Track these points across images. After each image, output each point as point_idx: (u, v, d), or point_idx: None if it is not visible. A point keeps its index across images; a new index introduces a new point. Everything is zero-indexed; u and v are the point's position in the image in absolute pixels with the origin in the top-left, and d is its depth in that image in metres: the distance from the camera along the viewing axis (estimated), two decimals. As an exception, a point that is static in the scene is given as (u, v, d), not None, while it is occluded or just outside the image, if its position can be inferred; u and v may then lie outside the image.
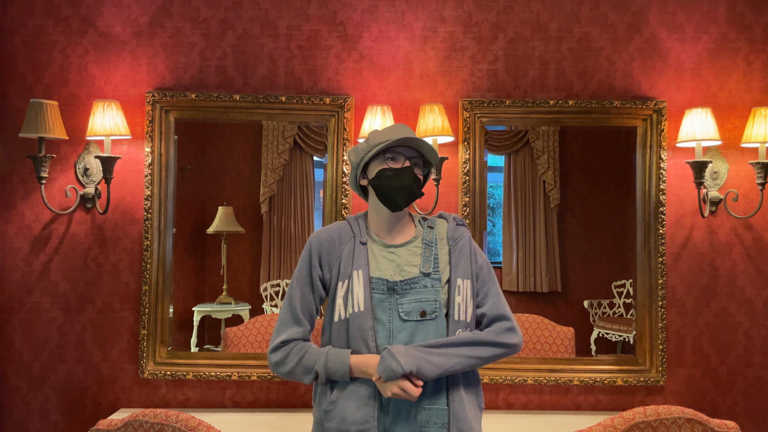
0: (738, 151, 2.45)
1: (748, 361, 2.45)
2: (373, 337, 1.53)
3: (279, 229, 2.60)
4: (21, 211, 2.44)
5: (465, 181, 2.42)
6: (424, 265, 1.59)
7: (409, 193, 1.58)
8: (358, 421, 1.50)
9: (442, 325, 1.56)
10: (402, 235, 1.64)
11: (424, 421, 1.51)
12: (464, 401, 1.55)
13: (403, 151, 1.60)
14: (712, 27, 2.47)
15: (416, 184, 1.60)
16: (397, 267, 1.59)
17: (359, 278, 1.56)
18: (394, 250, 1.62)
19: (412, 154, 1.61)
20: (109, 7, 2.45)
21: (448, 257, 1.61)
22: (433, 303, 1.56)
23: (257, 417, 2.33)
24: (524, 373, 2.41)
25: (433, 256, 1.61)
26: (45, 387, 2.43)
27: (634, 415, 1.74)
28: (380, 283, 1.57)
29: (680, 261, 2.45)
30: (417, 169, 1.62)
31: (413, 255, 1.61)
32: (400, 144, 1.58)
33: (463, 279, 1.58)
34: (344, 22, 2.46)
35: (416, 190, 1.60)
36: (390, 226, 1.63)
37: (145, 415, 1.75)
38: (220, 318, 2.57)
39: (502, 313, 1.59)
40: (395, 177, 1.58)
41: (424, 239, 1.63)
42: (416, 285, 1.57)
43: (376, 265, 1.60)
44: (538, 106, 2.42)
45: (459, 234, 1.64)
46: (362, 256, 1.59)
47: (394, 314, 1.55)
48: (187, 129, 2.49)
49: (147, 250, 2.39)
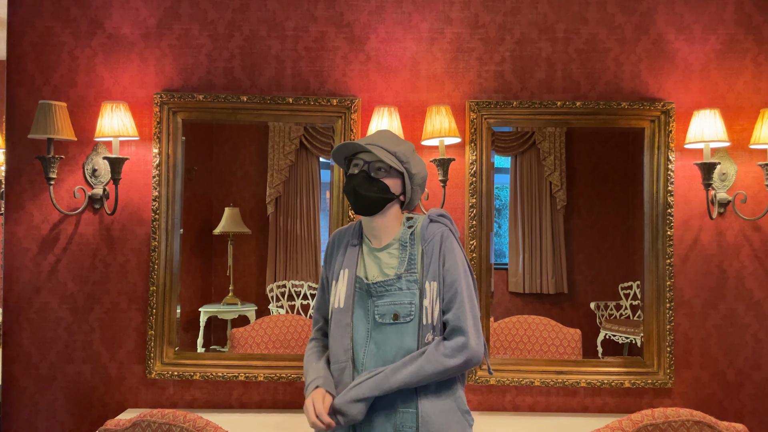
0: (746, 153, 2.44)
1: (756, 363, 2.44)
2: (349, 335, 1.59)
3: (285, 230, 2.61)
4: (29, 211, 2.45)
5: (472, 182, 2.42)
6: (399, 267, 1.59)
7: (355, 196, 1.59)
8: None
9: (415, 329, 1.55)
10: (385, 237, 1.65)
11: (399, 424, 1.54)
12: (435, 405, 1.54)
13: (363, 157, 1.63)
14: (720, 28, 2.46)
15: (366, 188, 1.58)
16: (379, 269, 1.61)
17: (344, 277, 1.63)
18: (377, 253, 1.64)
19: (373, 158, 1.61)
20: (117, 9, 2.46)
21: (421, 259, 1.59)
22: (407, 306, 1.56)
23: (264, 418, 2.34)
24: (531, 374, 2.40)
25: (408, 257, 1.59)
26: (53, 387, 2.44)
27: (642, 417, 1.73)
28: (362, 283, 1.62)
29: (688, 263, 2.44)
30: (380, 173, 1.60)
31: (392, 257, 1.62)
32: (351, 152, 1.64)
33: (431, 281, 1.55)
34: (351, 24, 2.47)
35: (363, 192, 1.58)
36: (369, 229, 1.67)
37: (152, 416, 1.75)
38: (227, 319, 2.57)
39: (461, 326, 1.53)
40: (347, 183, 1.64)
41: (401, 240, 1.63)
42: (391, 287, 1.57)
43: (363, 266, 1.64)
44: (545, 108, 2.42)
45: (430, 233, 1.59)
46: (352, 256, 1.65)
47: (370, 316, 1.59)
48: (194, 130, 2.50)
49: (155, 250, 2.40)
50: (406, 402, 1.54)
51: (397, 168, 1.60)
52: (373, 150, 1.57)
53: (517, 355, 2.49)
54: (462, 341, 1.52)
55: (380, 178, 1.60)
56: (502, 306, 2.59)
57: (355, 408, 1.51)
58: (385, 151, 1.59)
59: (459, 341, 1.53)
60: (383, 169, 1.60)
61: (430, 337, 1.55)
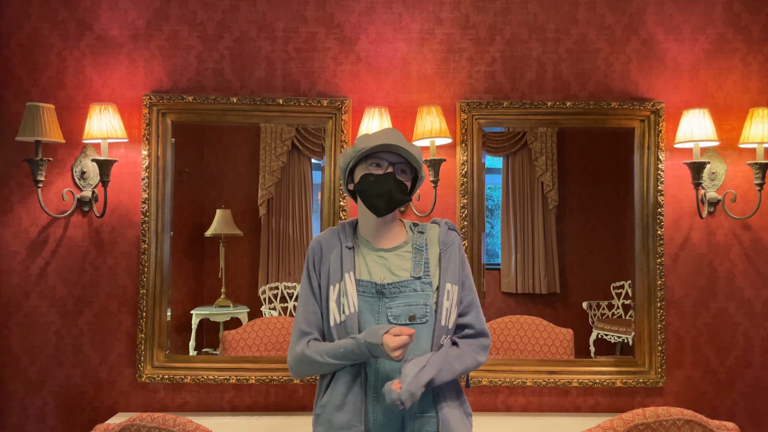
0: (736, 152, 2.45)
1: (747, 361, 2.45)
2: None
3: (277, 231, 2.60)
4: (18, 214, 2.43)
5: (463, 182, 2.42)
6: (415, 269, 1.59)
7: (388, 199, 1.57)
8: (345, 425, 1.51)
9: (431, 330, 1.56)
10: (391, 239, 1.64)
11: (416, 429, 1.52)
12: (452, 410, 1.56)
13: (387, 157, 1.59)
14: (709, 28, 2.47)
15: (398, 190, 1.58)
16: (387, 270, 1.59)
17: (351, 280, 1.57)
18: (384, 254, 1.62)
19: (397, 160, 1.59)
20: (105, 11, 2.45)
21: (438, 261, 1.62)
22: (423, 307, 1.56)
23: (255, 421, 2.33)
24: (523, 375, 2.40)
25: (423, 260, 1.61)
26: (42, 391, 2.42)
27: (634, 416, 1.74)
28: (369, 286, 1.57)
29: (679, 262, 2.45)
30: (402, 175, 1.61)
31: (403, 259, 1.61)
32: (381, 150, 1.57)
33: (452, 284, 1.59)
34: (341, 25, 2.46)
35: (397, 195, 1.58)
36: (378, 230, 1.64)
37: (142, 419, 1.74)
38: (219, 321, 2.56)
39: (484, 329, 1.64)
40: (376, 183, 1.57)
41: (415, 244, 1.63)
42: (406, 288, 1.57)
43: (366, 268, 1.60)
44: (535, 108, 2.42)
45: (450, 239, 1.65)
46: (350, 260, 1.60)
47: (383, 317, 1.55)
48: (184, 132, 2.48)
49: (144, 253, 2.39)
50: (422, 407, 1.53)
51: (418, 169, 1.63)
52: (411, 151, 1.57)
53: (510, 355, 2.49)
54: (487, 342, 1.64)
55: (403, 180, 1.61)
56: (495, 306, 2.59)
57: (419, 392, 1.46)
58: (412, 154, 1.59)
59: (484, 342, 1.63)
60: (405, 170, 1.61)
61: (444, 339, 1.56)
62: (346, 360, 1.52)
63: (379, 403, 1.53)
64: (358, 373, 1.53)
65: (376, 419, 1.53)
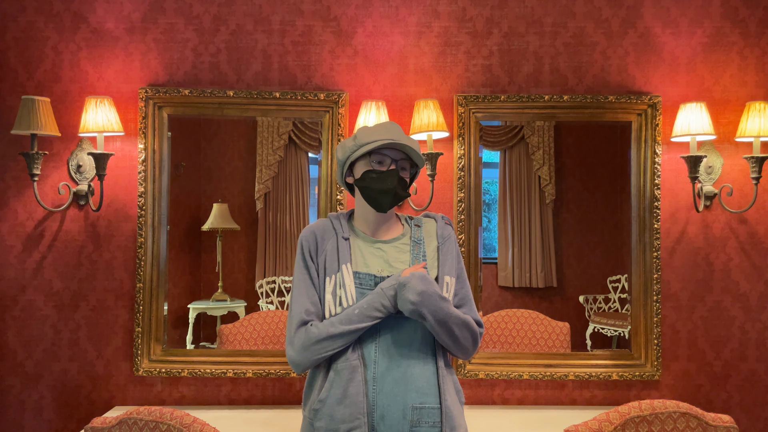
0: (732, 146, 2.45)
1: (743, 355, 2.46)
2: None
3: (274, 225, 2.59)
4: (14, 208, 2.42)
5: (460, 176, 2.42)
6: (413, 262, 1.59)
7: (393, 195, 1.58)
8: (347, 419, 1.49)
9: None
10: (389, 232, 1.65)
11: (416, 420, 1.51)
12: (454, 399, 1.56)
13: (389, 153, 1.58)
14: (706, 21, 2.47)
15: (401, 187, 1.59)
16: (385, 262, 1.59)
17: (348, 271, 1.55)
18: (381, 246, 1.62)
19: (399, 156, 1.59)
20: (101, 3, 2.43)
21: (436, 254, 1.63)
22: None
23: (252, 414, 2.33)
24: (520, 368, 2.41)
25: (421, 253, 1.61)
26: (39, 385, 2.42)
27: (630, 409, 1.74)
28: (367, 278, 1.57)
29: (675, 256, 2.45)
30: (403, 171, 1.61)
31: (401, 251, 1.61)
32: (386, 147, 1.57)
33: (450, 276, 1.60)
34: (338, 18, 2.45)
35: (401, 192, 1.59)
36: (376, 224, 1.64)
37: (139, 413, 1.74)
38: (216, 315, 2.56)
39: (479, 321, 1.63)
40: (379, 180, 1.57)
41: (413, 237, 1.64)
42: None
43: (363, 260, 1.59)
44: (532, 101, 2.42)
45: (447, 233, 1.66)
46: (346, 251, 1.58)
47: None
48: (181, 125, 2.47)
49: (141, 247, 2.38)
50: (422, 396, 1.52)
51: (420, 166, 1.64)
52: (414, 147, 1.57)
53: (506, 348, 2.49)
54: (481, 331, 1.63)
55: (404, 176, 1.61)
56: (492, 300, 2.59)
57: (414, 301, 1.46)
58: (416, 151, 1.59)
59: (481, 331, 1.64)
60: (405, 167, 1.62)
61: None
62: (362, 322, 1.49)
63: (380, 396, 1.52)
64: (358, 367, 1.53)
65: (378, 412, 1.52)
